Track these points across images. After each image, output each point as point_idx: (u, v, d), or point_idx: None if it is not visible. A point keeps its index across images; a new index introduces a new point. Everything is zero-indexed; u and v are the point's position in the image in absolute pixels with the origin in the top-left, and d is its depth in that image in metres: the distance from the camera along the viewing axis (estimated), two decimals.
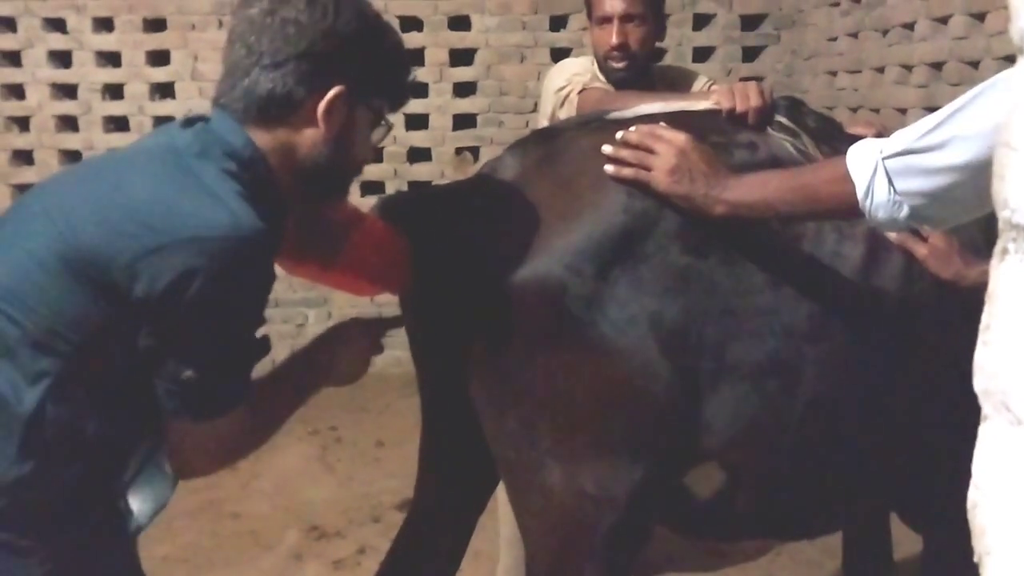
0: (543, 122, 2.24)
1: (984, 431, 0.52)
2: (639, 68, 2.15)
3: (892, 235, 1.43)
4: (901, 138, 1.18)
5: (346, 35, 1.16)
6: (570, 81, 2.19)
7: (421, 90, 4.61)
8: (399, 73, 1.27)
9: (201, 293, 1.05)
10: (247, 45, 1.15)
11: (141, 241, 1.04)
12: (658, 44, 2.25)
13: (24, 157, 4.60)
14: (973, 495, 0.53)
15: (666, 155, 1.36)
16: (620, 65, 2.13)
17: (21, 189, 4.49)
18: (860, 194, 1.20)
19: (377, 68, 1.22)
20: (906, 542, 2.13)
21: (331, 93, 1.16)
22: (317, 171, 1.20)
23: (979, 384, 0.52)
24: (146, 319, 1.07)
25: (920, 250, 1.44)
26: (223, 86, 1.18)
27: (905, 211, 1.18)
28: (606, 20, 2.14)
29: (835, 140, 1.52)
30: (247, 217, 1.07)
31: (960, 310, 1.38)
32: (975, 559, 0.53)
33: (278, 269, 1.24)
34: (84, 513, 1.14)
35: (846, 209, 1.24)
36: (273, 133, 1.17)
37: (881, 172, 1.18)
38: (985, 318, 0.52)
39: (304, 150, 1.19)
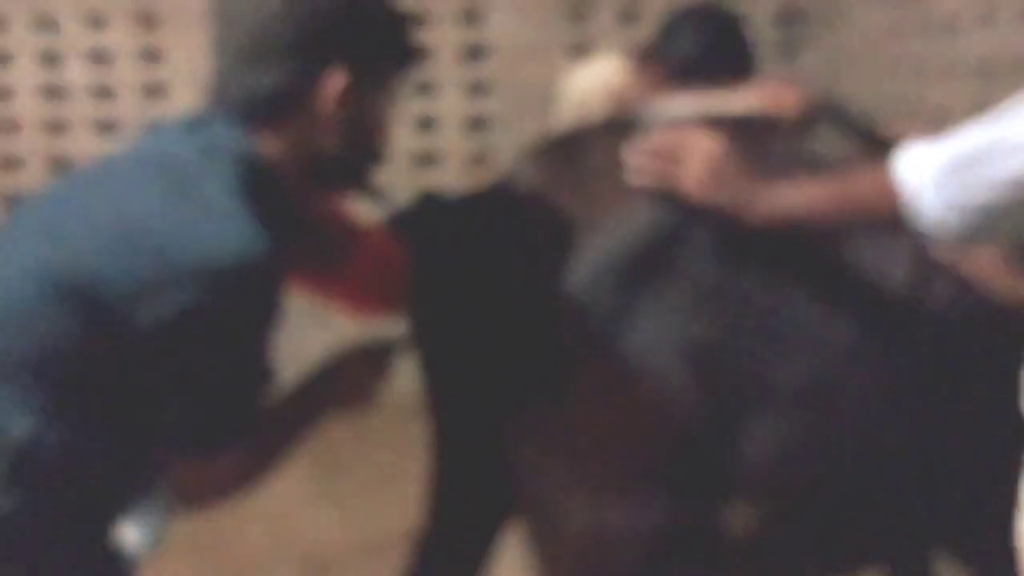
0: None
1: None
2: None
3: (939, 251, 1.41)
4: (950, 146, 1.16)
5: (329, 12, 1.16)
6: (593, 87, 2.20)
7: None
8: (394, 31, 1.25)
9: (211, 326, 1.06)
10: (233, 45, 1.16)
11: (144, 269, 1.04)
12: None
13: (13, 161, 4.64)
14: (1021, 523, 0.51)
15: (696, 162, 1.35)
16: None
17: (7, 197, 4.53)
18: (906, 204, 1.19)
19: (370, 34, 1.21)
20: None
21: (333, 78, 1.16)
22: (337, 160, 1.21)
23: None
24: (151, 352, 1.07)
25: (968, 267, 1.42)
26: (218, 89, 1.18)
27: (954, 223, 1.16)
28: None
29: (878, 146, 1.51)
30: (254, 242, 1.06)
31: (1010, 331, 1.36)
32: None
33: None
34: (73, 545, 1.14)
35: (890, 219, 1.22)
36: (282, 132, 1.17)
37: (929, 180, 1.17)
38: None
39: (318, 141, 1.19)
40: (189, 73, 4.58)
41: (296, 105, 1.16)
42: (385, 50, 1.24)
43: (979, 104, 3.27)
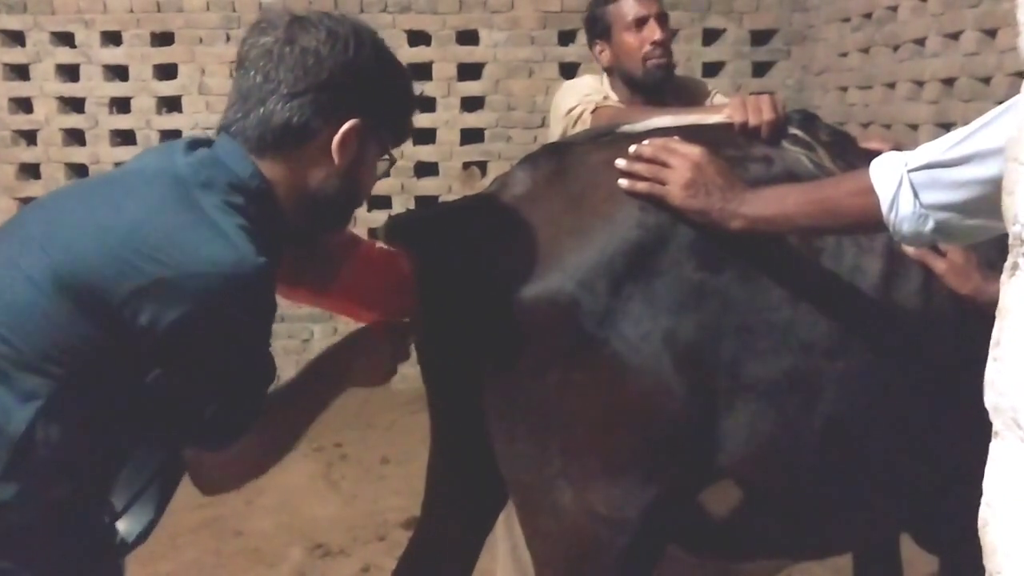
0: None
1: (995, 448, 0.52)
2: (672, 69, 2.25)
3: (910, 250, 1.43)
4: (927, 151, 1.17)
5: (364, 69, 1.17)
6: (581, 101, 2.21)
7: (429, 104, 4.64)
8: (408, 109, 1.29)
9: (210, 330, 1.06)
10: (263, 73, 1.15)
11: (144, 273, 1.04)
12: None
13: (31, 171, 4.64)
14: (984, 513, 0.52)
15: (681, 169, 1.36)
16: (663, 61, 2.22)
17: (27, 203, 4.52)
18: (884, 207, 1.19)
19: (389, 104, 1.24)
20: (918, 562, 2.12)
21: (347, 126, 1.17)
22: (326, 202, 1.21)
23: (989, 400, 0.52)
24: (153, 354, 1.07)
25: (939, 265, 1.43)
26: (234, 113, 1.18)
27: (930, 224, 1.17)
28: (641, 22, 2.21)
29: (849, 154, 1.52)
30: (250, 253, 1.07)
31: (979, 326, 1.38)
32: None
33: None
34: (67, 536, 1.13)
35: (869, 222, 1.23)
36: (285, 163, 1.17)
37: (906, 184, 1.17)
38: (995, 334, 0.52)
39: (315, 181, 1.19)
40: (198, 87, 4.59)
41: (304, 142, 1.17)
42: (394, 116, 1.26)
43: (944, 120, 3.31)
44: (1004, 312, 0.51)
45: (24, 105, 4.58)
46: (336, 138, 1.17)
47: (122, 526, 1.20)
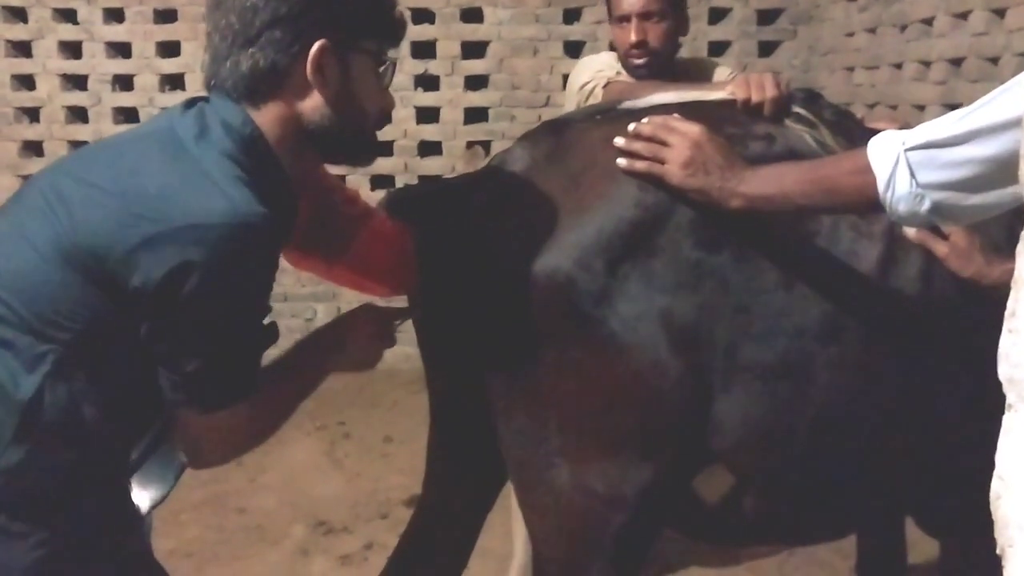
0: None
1: (1008, 421, 0.50)
2: (661, 64, 2.17)
3: (911, 232, 1.41)
4: (925, 130, 1.16)
5: None
6: (594, 77, 2.19)
7: (432, 83, 4.62)
8: (379, 5, 1.23)
9: (199, 283, 1.03)
10: (220, 30, 1.15)
11: (137, 231, 1.03)
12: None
13: (34, 148, 4.62)
14: (996, 486, 0.51)
15: (680, 147, 1.35)
16: (640, 62, 2.15)
17: None
18: (881, 186, 1.18)
19: (353, 8, 1.18)
20: (922, 543, 2.12)
21: (314, 51, 1.14)
22: (327, 134, 1.18)
23: (1003, 372, 0.51)
24: (145, 310, 1.06)
25: (940, 248, 1.40)
26: (210, 70, 1.18)
27: (927, 204, 1.16)
28: (624, 19, 2.15)
29: (853, 133, 1.50)
30: (245, 203, 1.05)
31: (980, 309, 1.36)
32: (997, 551, 0.51)
33: (285, 262, 1.23)
34: (80, 500, 1.13)
35: (866, 202, 1.21)
36: (268, 109, 1.16)
37: (903, 164, 1.16)
38: (1011, 304, 0.51)
39: (307, 117, 1.17)
40: (201, 65, 4.56)
41: (279, 83, 1.15)
42: (368, 21, 1.20)
43: (951, 100, 3.28)
44: (1020, 282, 0.49)
45: (26, 82, 4.56)
46: (308, 67, 1.14)
47: (136, 492, 1.20)
